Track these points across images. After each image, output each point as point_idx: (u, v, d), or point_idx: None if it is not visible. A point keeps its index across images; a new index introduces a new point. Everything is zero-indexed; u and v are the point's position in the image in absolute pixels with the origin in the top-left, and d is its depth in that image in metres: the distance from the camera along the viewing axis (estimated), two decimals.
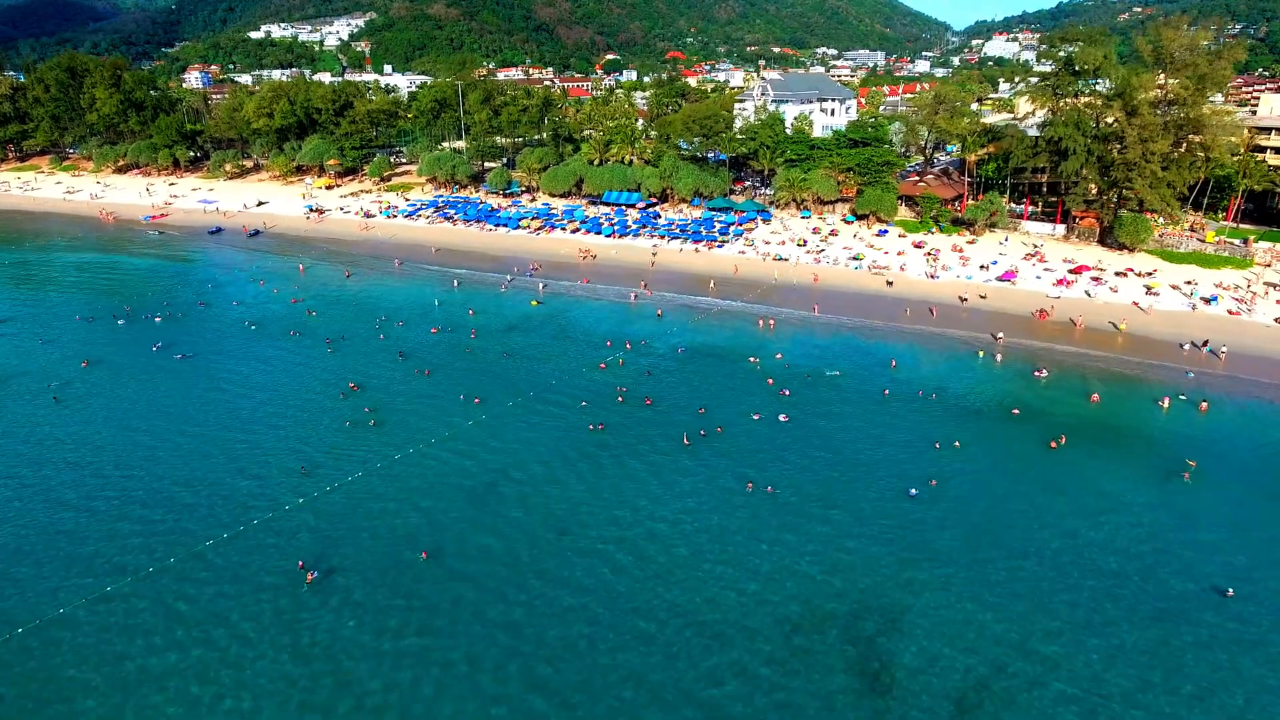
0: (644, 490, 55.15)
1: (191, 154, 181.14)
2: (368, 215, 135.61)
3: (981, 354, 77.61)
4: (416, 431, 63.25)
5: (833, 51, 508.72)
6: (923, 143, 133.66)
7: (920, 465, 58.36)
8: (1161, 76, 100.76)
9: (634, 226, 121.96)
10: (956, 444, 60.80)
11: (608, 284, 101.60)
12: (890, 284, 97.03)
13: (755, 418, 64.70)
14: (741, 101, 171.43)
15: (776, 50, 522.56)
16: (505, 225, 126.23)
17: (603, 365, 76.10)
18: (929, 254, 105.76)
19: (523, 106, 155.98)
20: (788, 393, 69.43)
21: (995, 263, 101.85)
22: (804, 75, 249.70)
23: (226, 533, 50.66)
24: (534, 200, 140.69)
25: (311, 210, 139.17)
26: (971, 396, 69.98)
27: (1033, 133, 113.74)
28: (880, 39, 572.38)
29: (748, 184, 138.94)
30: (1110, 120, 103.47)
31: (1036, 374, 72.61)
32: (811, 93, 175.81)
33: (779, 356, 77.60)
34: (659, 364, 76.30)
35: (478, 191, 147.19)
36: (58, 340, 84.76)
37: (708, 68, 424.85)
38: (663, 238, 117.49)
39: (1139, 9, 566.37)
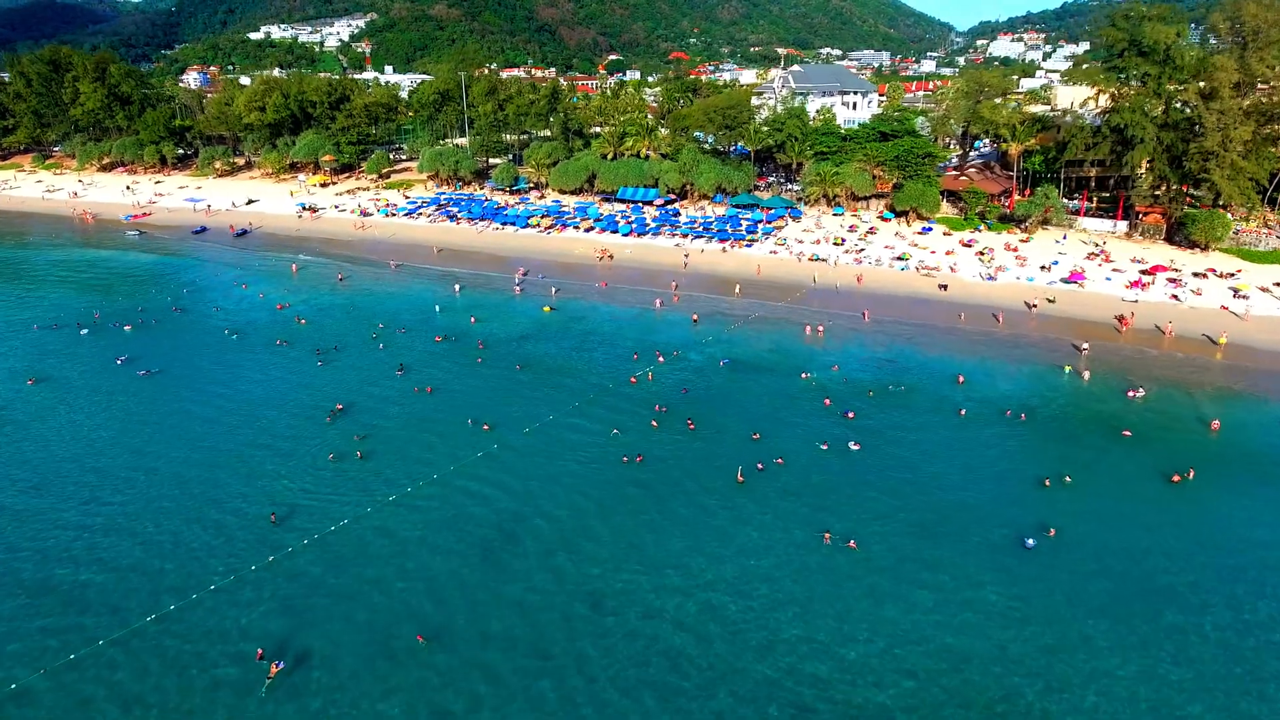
0: (697, 544, 43.99)
1: (180, 151, 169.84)
2: (364, 214, 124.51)
3: (1068, 369, 66.41)
4: (415, 466, 52.09)
5: (837, 52, 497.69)
6: (960, 134, 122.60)
7: (1029, 507, 47.31)
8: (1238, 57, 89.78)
9: (653, 225, 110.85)
10: (1067, 479, 49.73)
11: (629, 287, 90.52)
12: (944, 287, 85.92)
13: (823, 447, 53.56)
14: (759, 95, 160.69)
15: (781, 51, 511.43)
16: (513, 223, 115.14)
17: (634, 379, 65.05)
18: (982, 253, 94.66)
19: (529, 100, 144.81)
20: (852, 414, 58.32)
21: (1056, 263, 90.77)
22: (825, 67, 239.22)
23: (173, 602, 39.49)
24: (543, 197, 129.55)
25: (304, 208, 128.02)
26: (1066, 419, 58.92)
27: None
28: (884, 39, 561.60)
29: (771, 179, 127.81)
30: (1182, 106, 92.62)
31: (1132, 394, 61.36)
32: (833, 85, 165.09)
33: (835, 369, 66.52)
34: (697, 379, 65.19)
35: (482, 188, 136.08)
36: (8, 353, 73.57)
37: (711, 68, 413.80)
38: (685, 236, 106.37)
39: (1144, 8, 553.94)
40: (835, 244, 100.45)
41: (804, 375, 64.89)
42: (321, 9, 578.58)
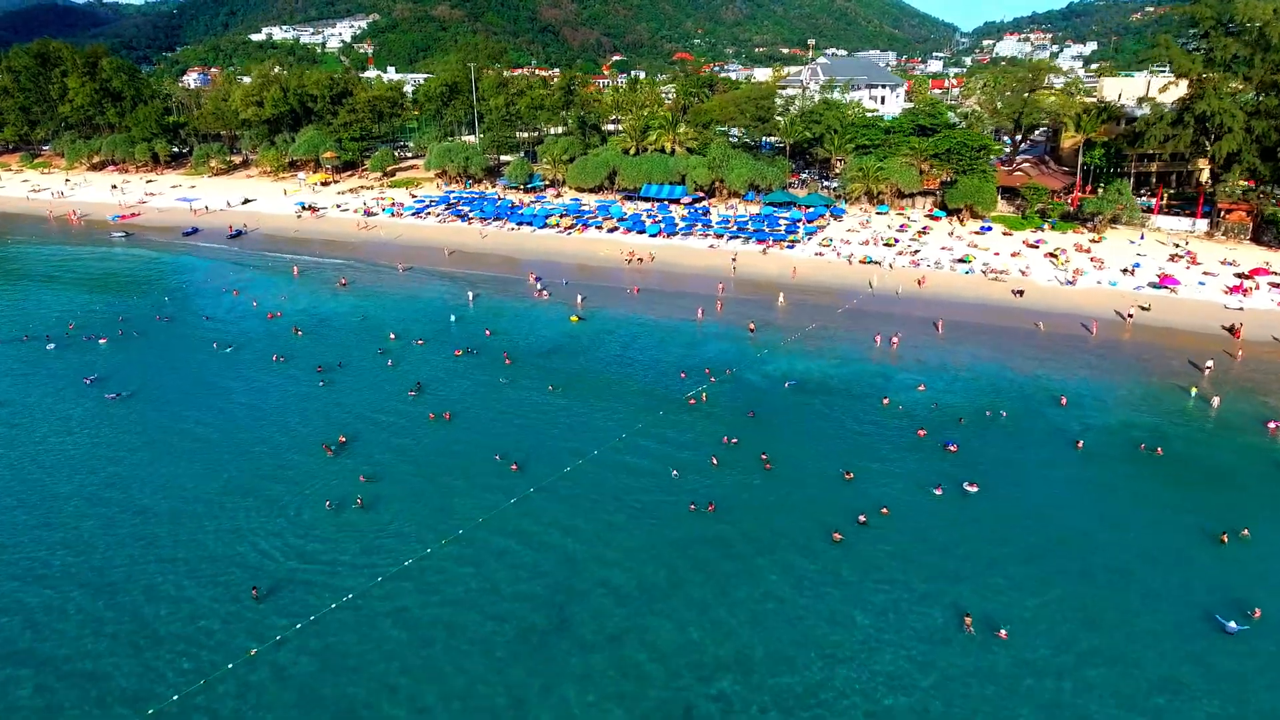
0: (804, 632, 33.75)
1: (174, 149, 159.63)
2: (368, 213, 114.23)
3: (1193, 390, 56.12)
4: (434, 517, 41.88)
5: (842, 52, 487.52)
6: (1011, 127, 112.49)
7: (1205, 572, 37.24)
8: None
9: (682, 225, 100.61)
10: (1244, 533, 39.59)
11: (664, 293, 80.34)
12: (1019, 293, 75.71)
13: (936, 492, 43.36)
14: (783, 88, 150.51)
15: (785, 51, 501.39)
16: (530, 223, 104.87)
17: (691, 400, 54.86)
18: (1054, 255, 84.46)
19: (541, 94, 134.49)
20: (955, 448, 48.13)
21: (1138, 265, 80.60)
22: (852, 60, 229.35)
23: None
24: (559, 195, 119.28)
25: (304, 208, 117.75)
26: (1209, 454, 48.60)
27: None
28: (889, 40, 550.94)
29: (803, 175, 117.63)
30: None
31: (1271, 426, 51.00)
32: (861, 78, 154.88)
33: (920, 389, 56.31)
34: (762, 401, 54.90)
35: (494, 186, 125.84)
36: None
37: (716, 68, 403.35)
38: (719, 237, 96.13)
39: (1151, 8, 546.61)
40: (887, 245, 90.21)
41: (885, 401, 54.51)
42: (323, 10, 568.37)
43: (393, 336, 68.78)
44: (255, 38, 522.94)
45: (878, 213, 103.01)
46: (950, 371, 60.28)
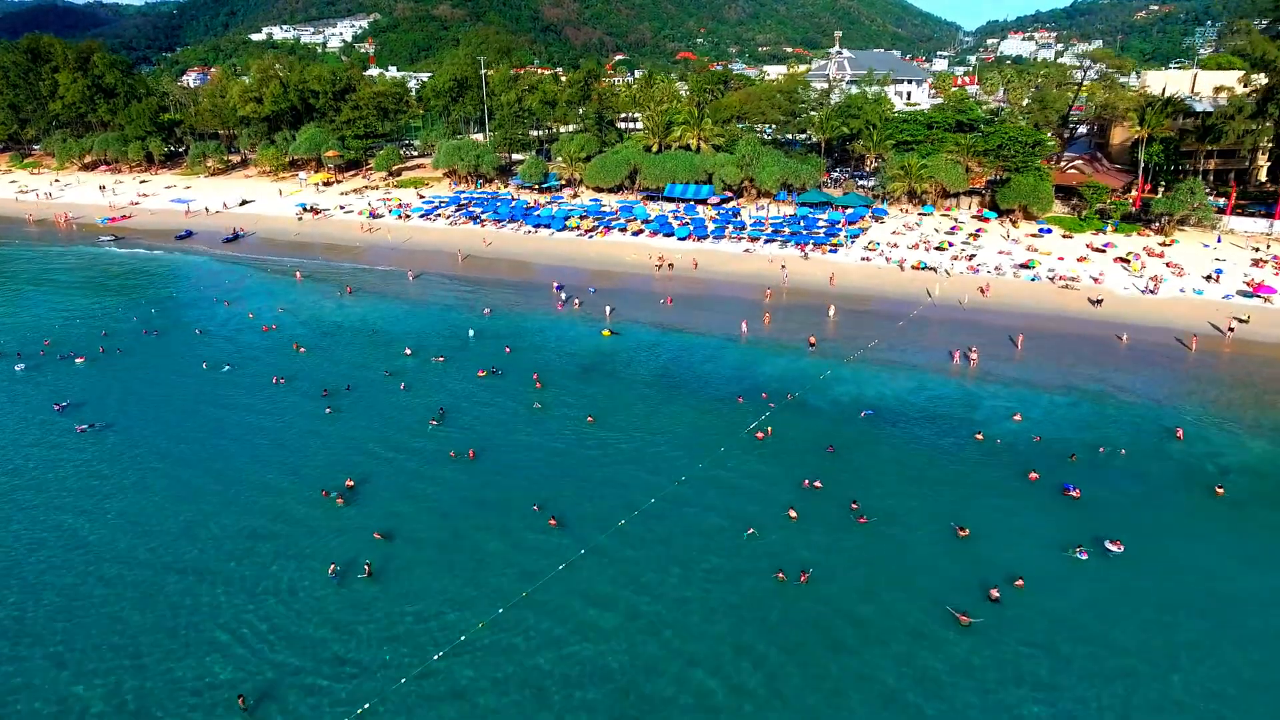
0: None
1: (169, 148, 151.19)
2: (374, 215, 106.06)
3: None
4: (465, 591, 33.91)
5: (847, 52, 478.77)
6: (1055, 122, 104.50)
7: None
8: None
9: (713, 227, 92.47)
10: None
11: (701, 303, 72.36)
12: (1097, 302, 67.75)
13: (1080, 555, 35.33)
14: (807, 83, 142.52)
15: (789, 50, 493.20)
16: (547, 226, 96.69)
17: (760, 434, 46.80)
18: (1126, 260, 76.47)
19: (552, 90, 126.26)
20: (1076, 493, 40.16)
21: (1220, 271, 72.67)
22: (878, 53, 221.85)
23: None
24: (576, 196, 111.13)
25: (305, 209, 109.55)
26: None
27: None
28: (893, 39, 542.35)
29: (835, 173, 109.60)
30: None
31: None
32: (886, 72, 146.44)
33: (1016, 419, 48.29)
34: (838, 435, 46.83)
35: (506, 186, 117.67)
36: None
37: (719, 68, 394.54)
38: (754, 240, 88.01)
39: (1155, 7, 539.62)
40: (939, 249, 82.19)
41: (979, 436, 46.40)
42: (324, 10, 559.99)
43: (408, 352, 60.76)
44: (255, 38, 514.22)
45: (922, 213, 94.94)
46: (1042, 396, 52.21)
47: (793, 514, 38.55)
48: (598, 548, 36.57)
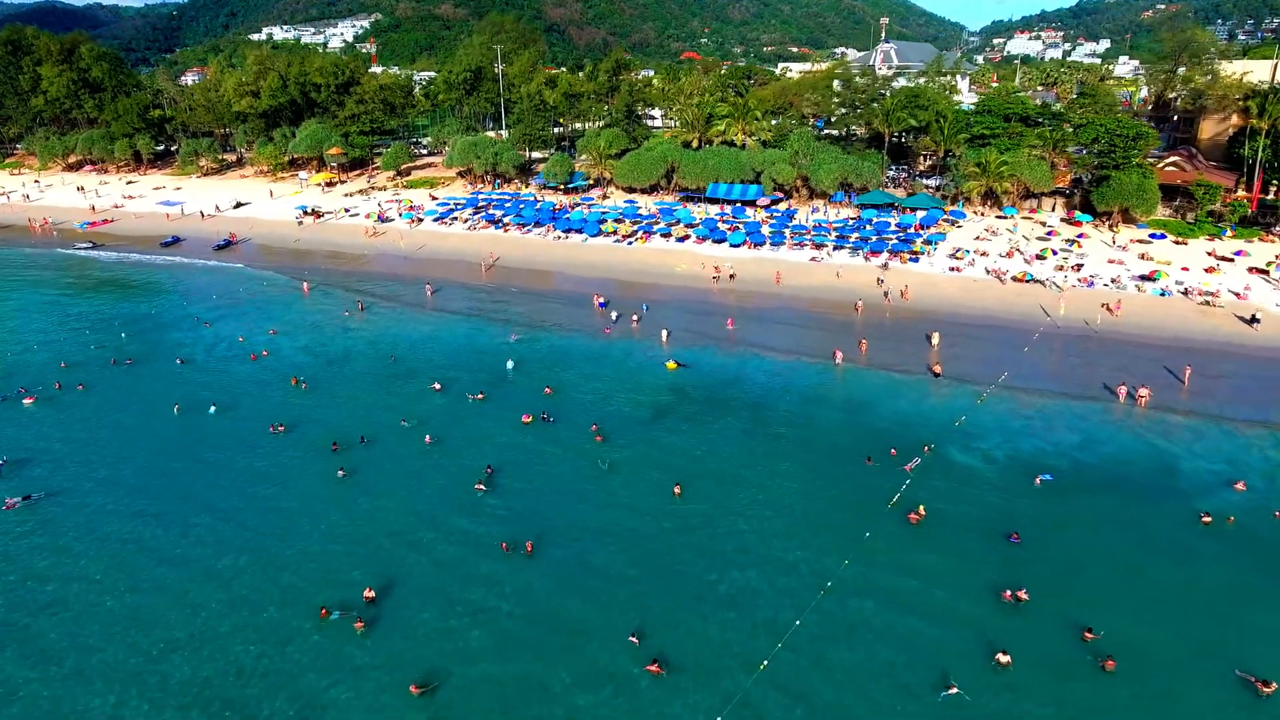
0: None
1: (161, 147, 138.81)
2: (382, 219, 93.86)
3: None
4: None
5: (853, 52, 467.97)
6: (1147, 113, 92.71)
7: None
8: None
9: (769, 232, 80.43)
10: None
11: (773, 325, 60.37)
12: (1252, 321, 55.86)
13: None
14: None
15: (794, 50, 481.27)
16: (579, 230, 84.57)
17: (913, 515, 34.66)
18: (1266, 270, 64.65)
19: (571, 80, 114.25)
20: None
21: None
22: (917, 45, 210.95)
23: None
24: (605, 197, 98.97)
25: (305, 212, 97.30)
26: None
27: None
28: (898, 39, 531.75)
29: (890, 172, 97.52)
30: None
31: None
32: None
33: (1239, 487, 36.30)
34: (1015, 510, 34.75)
35: (527, 186, 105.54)
36: None
37: (725, 69, 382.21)
38: (820, 247, 75.93)
39: (1162, 6, 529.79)
40: (1039, 258, 70.27)
41: (1206, 518, 34.22)
42: (325, 10, 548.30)
43: (437, 388, 48.78)
44: (255, 38, 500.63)
45: (999, 216, 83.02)
46: (1252, 453, 40.21)
47: (1003, 658, 26.49)
48: (748, 700, 24.58)
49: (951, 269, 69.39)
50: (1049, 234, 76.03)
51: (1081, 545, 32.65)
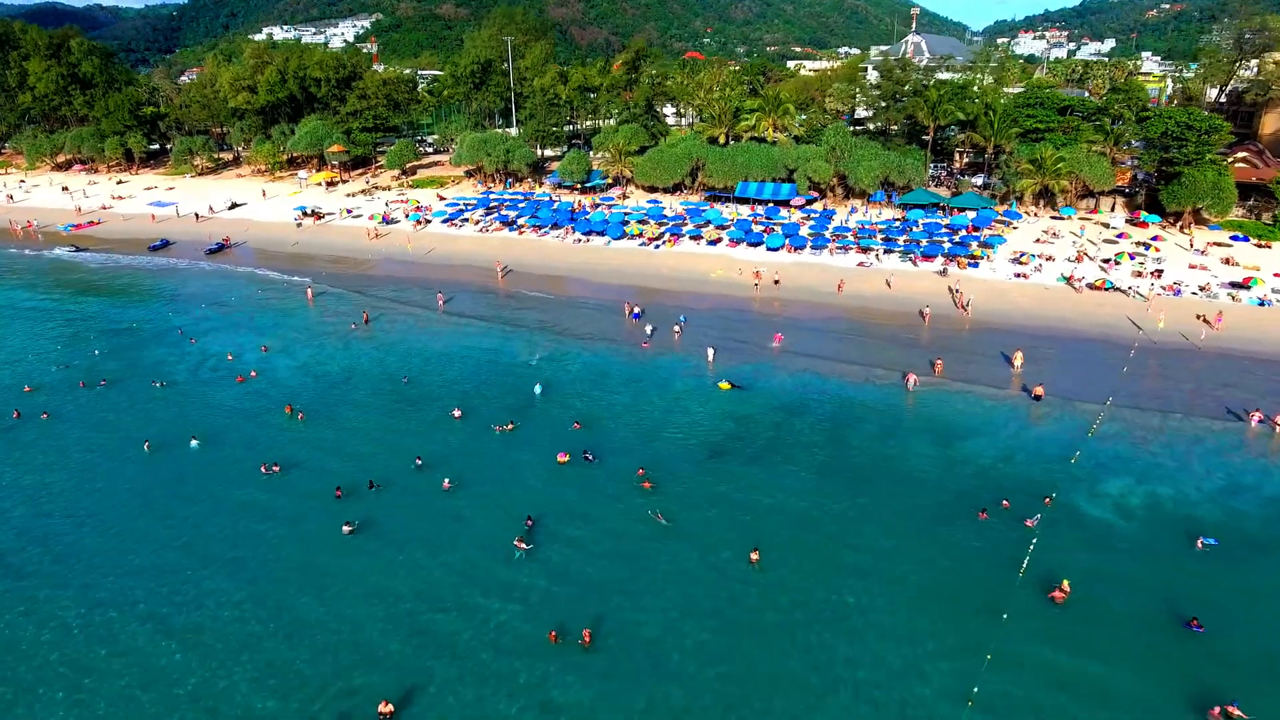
0: None
1: (154, 143, 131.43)
2: (387, 220, 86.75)
3: None
4: None
5: (857, 51, 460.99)
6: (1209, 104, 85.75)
7: None
8: None
9: (808, 234, 73.40)
10: None
11: (828, 336, 53.29)
12: None
13: None
14: (863, 69, 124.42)
15: (798, 49, 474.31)
16: (601, 233, 77.50)
17: (1057, 593, 27.51)
18: None
19: (584, 73, 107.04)
20: None
21: None
22: (943, 38, 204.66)
23: None
24: (625, 196, 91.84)
25: (305, 214, 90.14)
26: None
27: None
28: (902, 39, 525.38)
29: (930, 169, 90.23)
30: None
31: None
32: (956, 60, 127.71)
33: None
34: (1178, 584, 27.83)
35: (540, 185, 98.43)
36: None
37: (734, 67, 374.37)
38: (865, 251, 68.84)
39: (1167, 5, 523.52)
40: (1113, 262, 63.28)
41: None
42: (325, 10, 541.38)
43: (457, 415, 41.77)
44: (256, 38, 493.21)
45: (1054, 217, 76.00)
46: None
47: None
48: None
49: (1016, 275, 62.36)
50: (1119, 236, 69.01)
51: (1273, 637, 25.64)
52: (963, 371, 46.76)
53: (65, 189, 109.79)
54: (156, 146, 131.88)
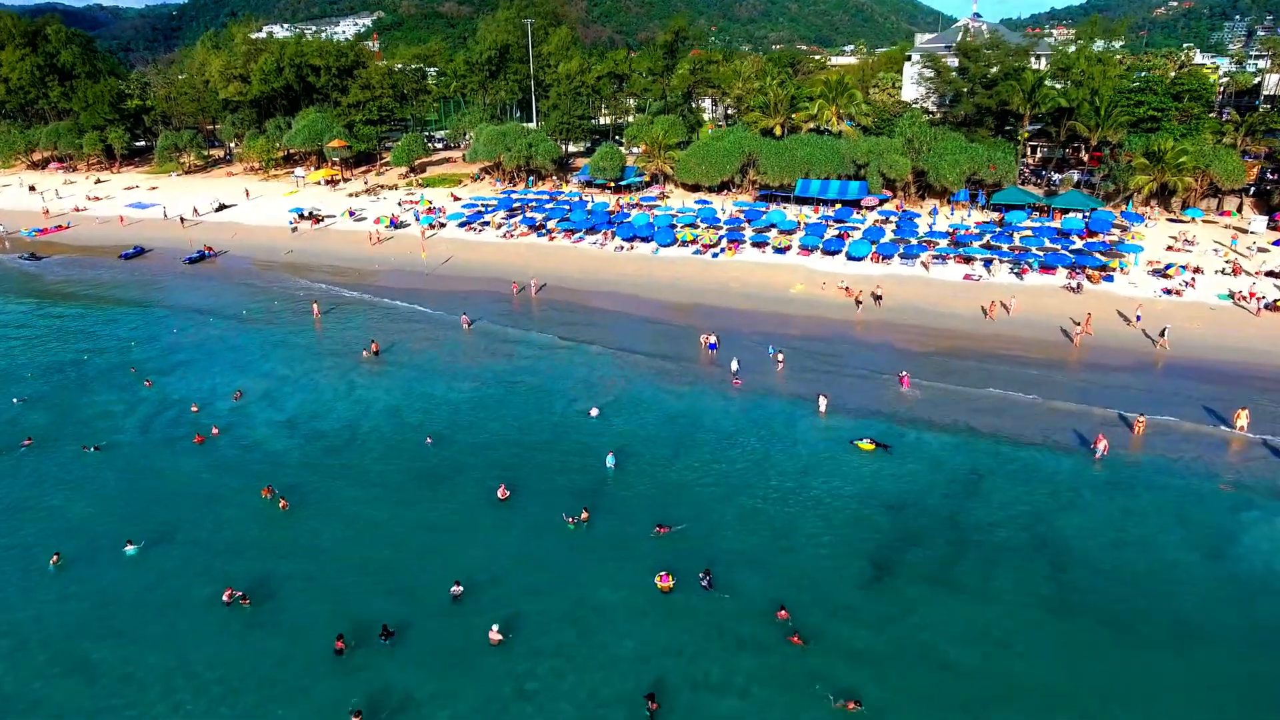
0: None
1: (141, 142, 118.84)
2: (395, 223, 74.40)
3: None
4: None
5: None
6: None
7: None
8: None
9: (891, 238, 61.17)
10: None
11: (954, 374, 40.99)
12: None
13: None
14: (907, 57, 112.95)
15: (803, 48, 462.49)
16: (647, 239, 65.11)
17: None
18: None
19: (615, 60, 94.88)
20: None
21: None
22: (999, 27, 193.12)
23: None
24: (665, 196, 79.40)
25: (301, 216, 77.70)
26: None
27: None
28: (908, 37, 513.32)
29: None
30: None
31: None
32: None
33: None
34: None
35: (566, 184, 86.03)
36: None
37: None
38: (969, 260, 56.52)
39: (1175, 3, 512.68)
40: (1265, 275, 51.17)
41: None
42: (326, 8, 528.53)
43: (503, 496, 29.63)
44: (256, 37, 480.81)
45: (1170, 219, 63.81)
46: None
47: None
48: None
49: (1166, 290, 50.16)
50: (1278, 243, 56.84)
51: None
52: (1165, 433, 34.50)
53: (32, 188, 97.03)
54: (142, 143, 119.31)
